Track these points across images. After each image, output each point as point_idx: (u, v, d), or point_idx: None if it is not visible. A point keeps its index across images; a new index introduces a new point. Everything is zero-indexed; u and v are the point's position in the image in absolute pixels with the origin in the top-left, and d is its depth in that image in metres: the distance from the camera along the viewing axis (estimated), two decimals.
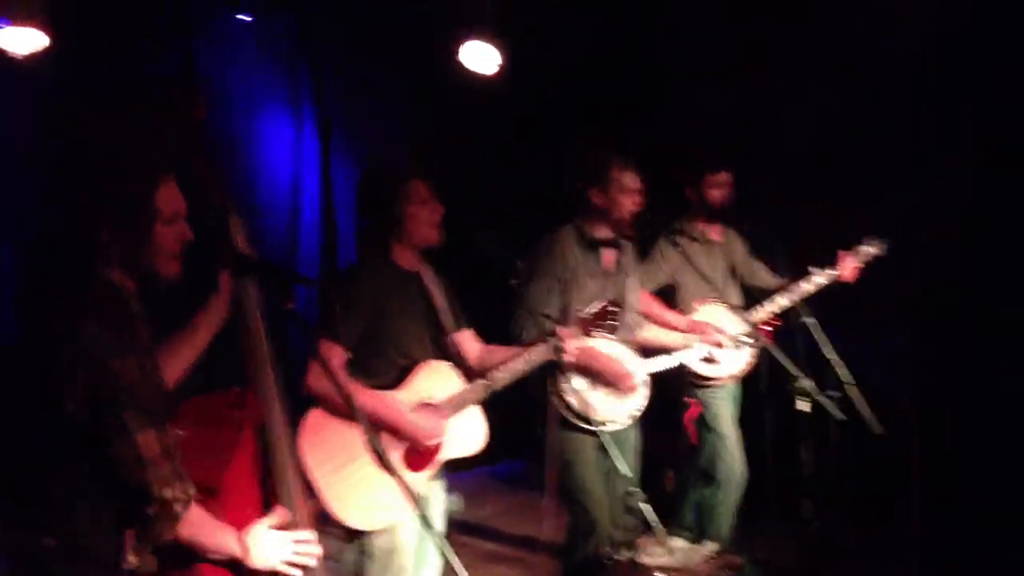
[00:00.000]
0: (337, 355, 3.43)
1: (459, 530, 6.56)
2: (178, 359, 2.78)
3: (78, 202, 2.42)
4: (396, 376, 3.67)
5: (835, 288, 5.13)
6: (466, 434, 3.80)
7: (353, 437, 3.41)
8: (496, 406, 4.40)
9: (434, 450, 3.70)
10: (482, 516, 6.90)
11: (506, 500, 7.33)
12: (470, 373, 3.84)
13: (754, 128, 6.30)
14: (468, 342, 3.96)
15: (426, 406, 3.66)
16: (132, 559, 2.40)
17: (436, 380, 3.73)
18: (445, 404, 3.70)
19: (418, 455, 3.65)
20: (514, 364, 3.81)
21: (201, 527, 2.50)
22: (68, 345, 2.28)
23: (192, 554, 2.54)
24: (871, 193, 5.87)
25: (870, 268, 5.19)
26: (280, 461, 2.80)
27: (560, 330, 3.84)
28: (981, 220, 5.47)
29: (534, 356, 3.83)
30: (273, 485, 2.79)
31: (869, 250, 5.20)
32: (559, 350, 3.76)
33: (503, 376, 3.80)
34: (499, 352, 3.92)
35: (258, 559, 2.63)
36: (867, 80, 5.95)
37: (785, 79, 6.15)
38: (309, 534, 2.76)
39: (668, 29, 6.76)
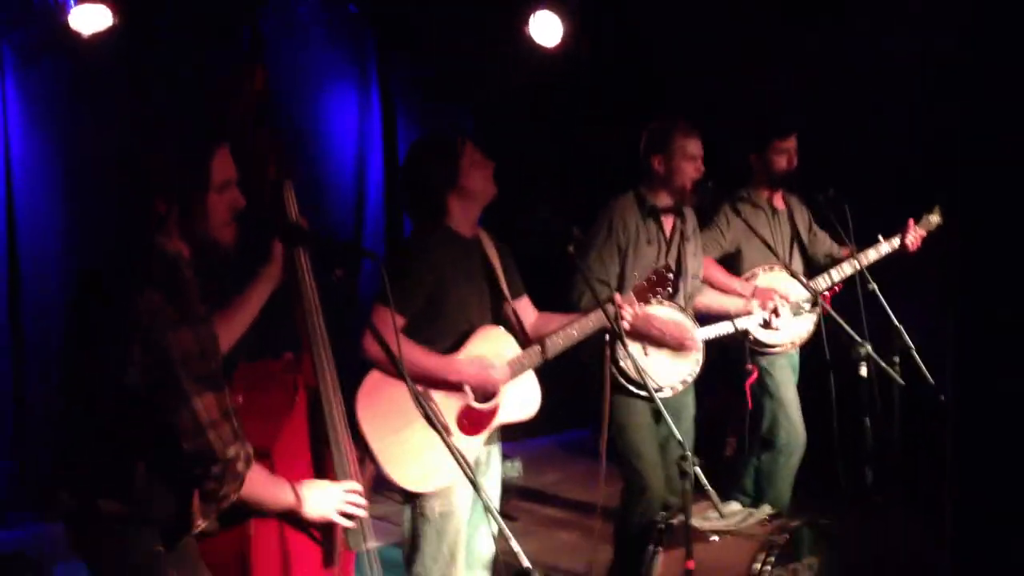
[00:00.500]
0: (391, 321, 3.47)
1: (520, 496, 6.66)
2: (232, 325, 2.87)
3: (136, 174, 2.50)
4: (454, 341, 3.70)
5: (898, 257, 5.09)
6: (522, 399, 3.81)
7: (409, 400, 3.45)
8: (561, 375, 4.43)
9: (489, 414, 3.72)
10: (543, 483, 6.97)
11: (568, 468, 7.38)
12: (526, 340, 3.86)
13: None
14: (525, 309, 3.98)
15: (487, 367, 3.69)
16: (200, 521, 2.48)
17: (493, 344, 3.76)
18: (501, 368, 3.72)
19: (473, 419, 3.67)
20: (569, 331, 3.81)
21: (263, 484, 2.59)
22: (126, 317, 2.34)
23: (243, 512, 2.61)
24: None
25: (934, 238, 5.12)
26: (332, 424, 2.86)
27: (617, 296, 3.84)
28: None
29: (590, 323, 3.83)
30: (325, 448, 2.85)
31: (934, 219, 5.16)
32: (616, 317, 3.75)
33: (558, 342, 3.80)
34: (555, 320, 3.92)
35: (313, 510, 2.71)
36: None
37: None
38: (358, 485, 2.83)
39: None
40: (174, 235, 2.50)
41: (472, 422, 3.68)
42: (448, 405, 3.63)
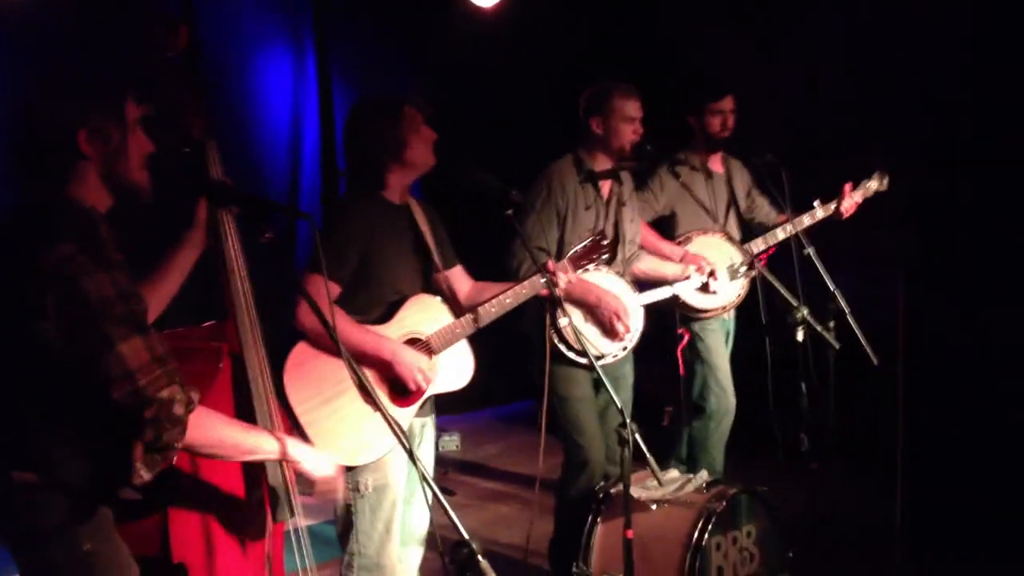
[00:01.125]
0: (325, 290, 3.37)
1: (459, 469, 6.63)
2: (158, 293, 2.77)
3: (54, 119, 2.39)
4: (385, 311, 3.62)
5: (831, 223, 5.08)
6: (455, 369, 3.74)
7: (339, 372, 3.37)
8: (501, 347, 4.38)
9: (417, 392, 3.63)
10: (482, 455, 6.95)
11: (508, 440, 7.37)
12: (460, 310, 3.78)
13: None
14: (459, 278, 3.91)
15: (414, 341, 3.61)
16: (143, 473, 2.34)
17: (425, 314, 3.67)
18: (433, 338, 3.64)
19: (404, 389, 3.58)
20: (502, 298, 3.74)
21: (213, 427, 2.46)
22: (37, 269, 2.25)
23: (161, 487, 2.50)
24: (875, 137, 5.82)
25: (869, 204, 5.13)
26: (258, 393, 2.77)
27: (551, 264, 3.77)
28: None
29: (523, 290, 3.76)
30: (250, 418, 2.76)
31: (872, 185, 5.16)
32: (550, 284, 3.69)
33: (491, 310, 3.72)
34: (490, 289, 3.84)
35: (305, 458, 2.65)
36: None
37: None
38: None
39: None
40: (89, 184, 2.41)
41: (403, 393, 3.59)
42: (378, 377, 3.53)
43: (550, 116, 5.37)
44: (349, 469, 3.50)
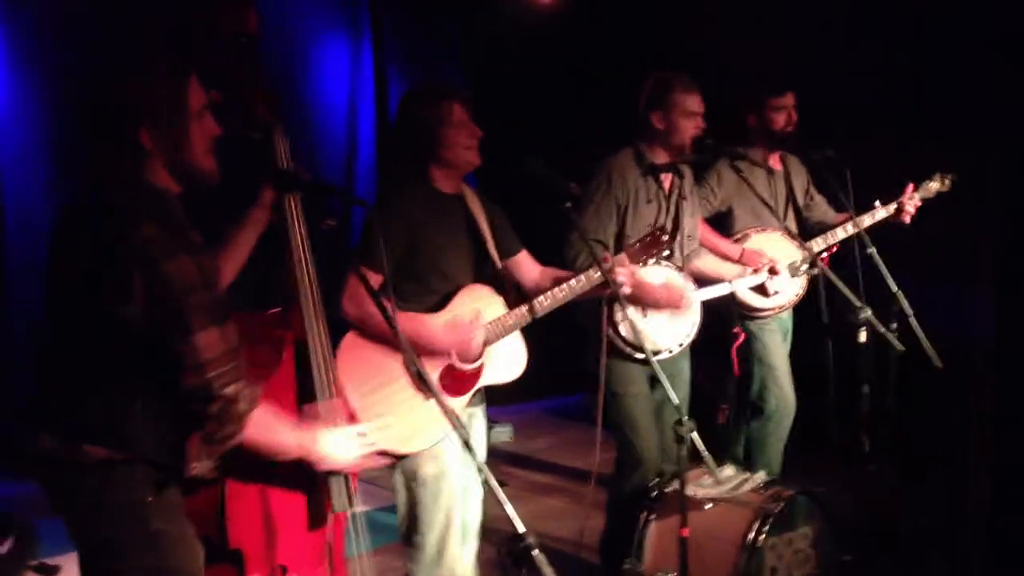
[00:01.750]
0: (373, 279, 3.34)
1: (510, 462, 6.61)
2: (224, 268, 2.77)
3: (117, 109, 2.42)
4: (438, 300, 3.60)
5: (895, 227, 5.00)
6: (507, 360, 3.71)
7: (390, 360, 3.36)
8: (555, 339, 4.35)
9: (473, 375, 3.61)
10: (534, 448, 6.93)
11: (561, 433, 7.35)
12: (527, 295, 3.75)
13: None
14: (526, 264, 3.88)
15: (464, 326, 3.56)
16: (196, 464, 2.40)
17: (478, 304, 3.64)
18: (486, 328, 3.62)
19: (456, 379, 3.56)
20: (556, 292, 3.69)
21: (268, 428, 2.49)
22: (122, 249, 2.28)
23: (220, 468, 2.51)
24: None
25: (929, 209, 5.04)
26: (321, 379, 2.77)
27: (608, 257, 3.72)
28: None
29: (579, 284, 3.71)
30: (314, 404, 2.76)
31: (934, 186, 5.09)
32: (607, 278, 3.65)
33: (546, 303, 3.68)
34: (560, 276, 3.81)
35: (335, 456, 2.65)
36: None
37: None
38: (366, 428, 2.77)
39: None
40: (159, 170, 2.45)
41: (455, 382, 3.56)
42: (430, 364, 3.50)
43: (608, 108, 5.32)
44: (404, 457, 3.51)
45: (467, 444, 2.52)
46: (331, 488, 2.76)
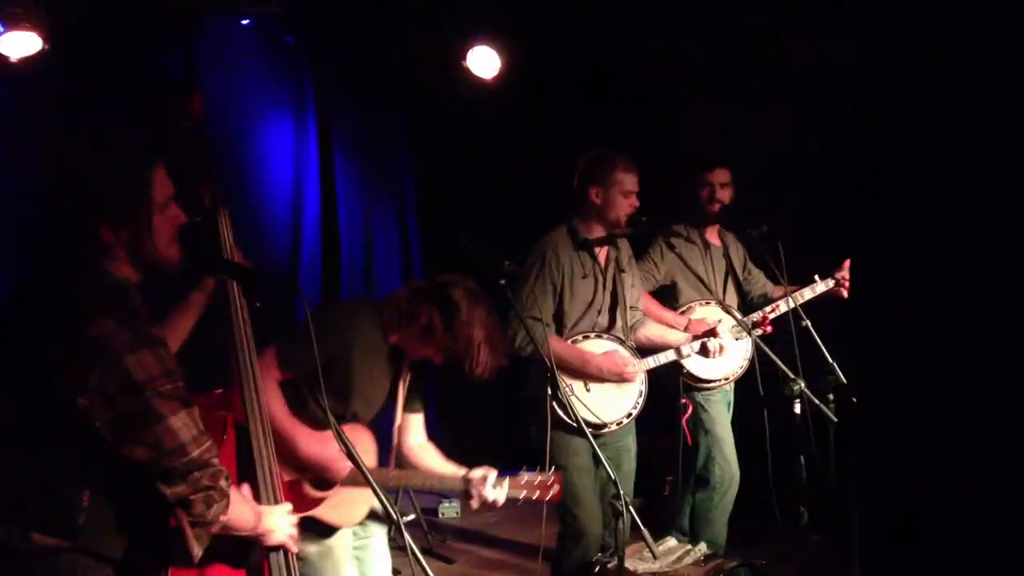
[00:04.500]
0: (279, 373, 3.36)
1: (458, 537, 6.56)
2: None
3: (81, 200, 2.42)
4: (322, 418, 3.43)
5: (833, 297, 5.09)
6: (340, 508, 3.62)
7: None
8: (505, 413, 4.37)
9: (312, 502, 3.54)
10: (482, 523, 6.86)
11: (508, 508, 7.27)
12: (398, 455, 3.79)
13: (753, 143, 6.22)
14: (414, 427, 3.88)
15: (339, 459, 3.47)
16: (196, 549, 2.39)
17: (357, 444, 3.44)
18: (349, 473, 3.52)
19: (297, 496, 3.48)
20: (427, 478, 3.72)
21: (237, 507, 2.50)
22: (79, 341, 2.28)
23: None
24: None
25: None
26: (261, 463, 2.78)
27: (473, 476, 3.68)
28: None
29: (447, 482, 3.73)
30: (253, 487, 2.76)
31: None
32: (467, 494, 3.67)
33: (411, 481, 3.70)
34: (430, 456, 3.83)
35: (275, 534, 2.66)
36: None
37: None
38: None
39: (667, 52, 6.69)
40: (121, 260, 2.45)
41: (296, 498, 3.40)
42: (286, 470, 3.40)
43: (549, 188, 5.42)
44: None
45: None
46: (271, 564, 2.76)
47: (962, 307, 2.78)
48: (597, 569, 4.08)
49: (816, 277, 5.10)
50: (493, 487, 3.65)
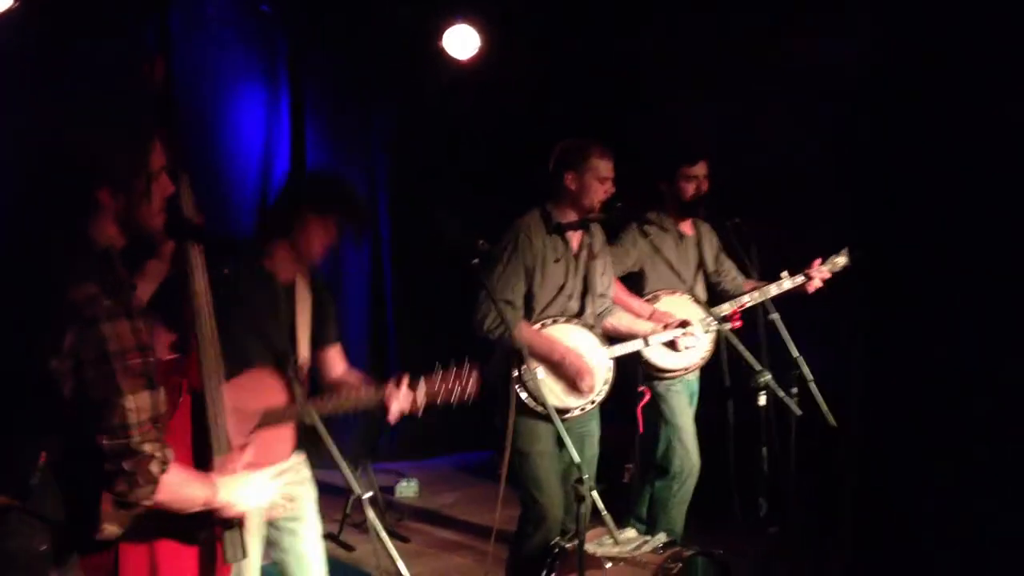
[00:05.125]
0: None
1: (415, 517, 6.55)
2: None
3: (78, 164, 2.40)
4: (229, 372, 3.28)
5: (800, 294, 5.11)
6: (271, 445, 3.53)
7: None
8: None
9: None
10: (440, 504, 6.88)
11: (466, 489, 7.31)
12: (322, 387, 3.73)
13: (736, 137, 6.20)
14: (332, 359, 3.83)
15: (237, 411, 3.29)
16: (109, 528, 2.38)
17: (256, 391, 3.52)
18: (259, 414, 3.49)
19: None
20: (343, 400, 3.62)
21: (179, 487, 2.45)
22: (61, 305, 2.26)
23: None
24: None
25: (837, 279, 5.16)
26: (216, 429, 2.75)
27: (388, 386, 3.61)
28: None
29: (363, 399, 3.63)
30: (208, 453, 2.73)
31: (840, 260, 5.19)
32: (385, 405, 3.57)
33: (329, 406, 3.60)
34: (352, 378, 3.78)
35: (238, 505, 2.62)
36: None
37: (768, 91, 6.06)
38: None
39: (652, 39, 6.66)
40: (107, 226, 2.43)
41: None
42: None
43: (521, 169, 5.38)
44: None
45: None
46: (224, 540, 2.72)
47: (963, 306, 2.79)
48: (556, 551, 4.06)
49: (784, 273, 5.11)
50: (408, 390, 3.60)
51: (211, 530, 2.70)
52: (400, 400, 3.59)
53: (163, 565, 2.62)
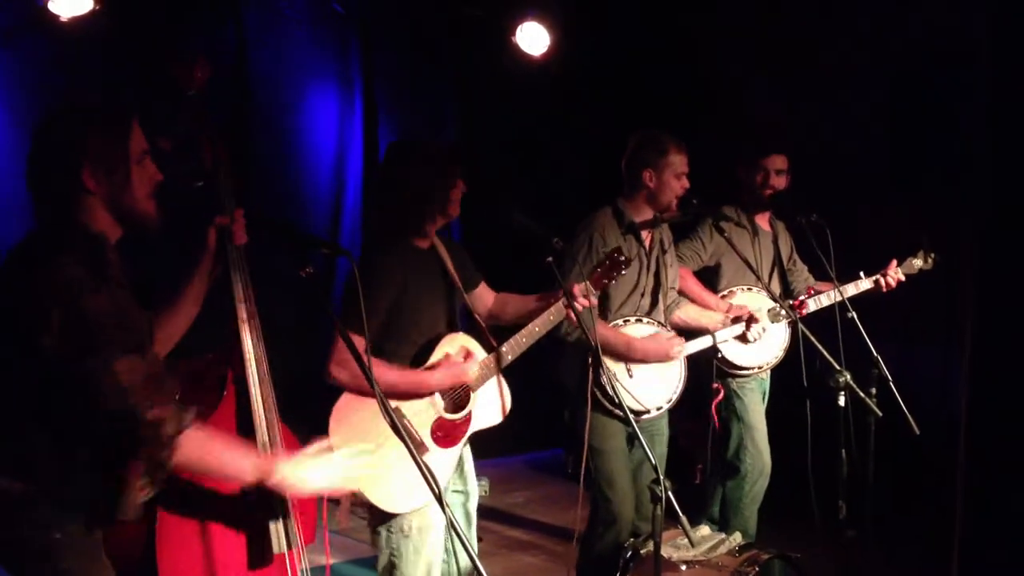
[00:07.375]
0: (358, 342, 3.33)
1: (486, 516, 6.53)
2: (174, 320, 2.80)
3: (58, 151, 2.48)
4: (419, 352, 3.62)
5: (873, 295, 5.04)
6: (492, 404, 3.78)
7: (381, 419, 3.35)
8: (533, 394, 4.33)
9: (463, 423, 3.67)
10: (510, 503, 6.86)
11: (539, 488, 7.29)
12: (485, 322, 3.89)
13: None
14: (483, 296, 3.99)
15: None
16: (142, 493, 2.42)
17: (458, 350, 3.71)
18: (469, 365, 3.68)
19: (448, 431, 3.62)
20: (531, 328, 3.76)
21: (205, 448, 2.48)
22: (47, 284, 2.31)
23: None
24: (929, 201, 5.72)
25: (912, 281, 5.08)
26: (260, 418, 2.79)
27: (571, 284, 3.75)
28: None
29: (551, 317, 3.77)
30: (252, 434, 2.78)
31: (917, 263, 5.12)
32: (570, 304, 3.67)
33: (523, 341, 3.76)
34: (512, 302, 3.97)
35: (299, 485, 2.63)
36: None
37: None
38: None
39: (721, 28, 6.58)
40: (99, 213, 2.50)
41: (447, 433, 3.62)
42: (421, 420, 3.55)
43: (593, 164, 5.35)
44: (392, 514, 3.52)
45: (440, 501, 2.51)
46: (268, 529, 2.76)
47: None
48: (629, 554, 4.01)
49: (861, 273, 5.04)
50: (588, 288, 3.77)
51: (259, 517, 2.75)
52: (583, 290, 3.74)
53: (210, 552, 2.67)
